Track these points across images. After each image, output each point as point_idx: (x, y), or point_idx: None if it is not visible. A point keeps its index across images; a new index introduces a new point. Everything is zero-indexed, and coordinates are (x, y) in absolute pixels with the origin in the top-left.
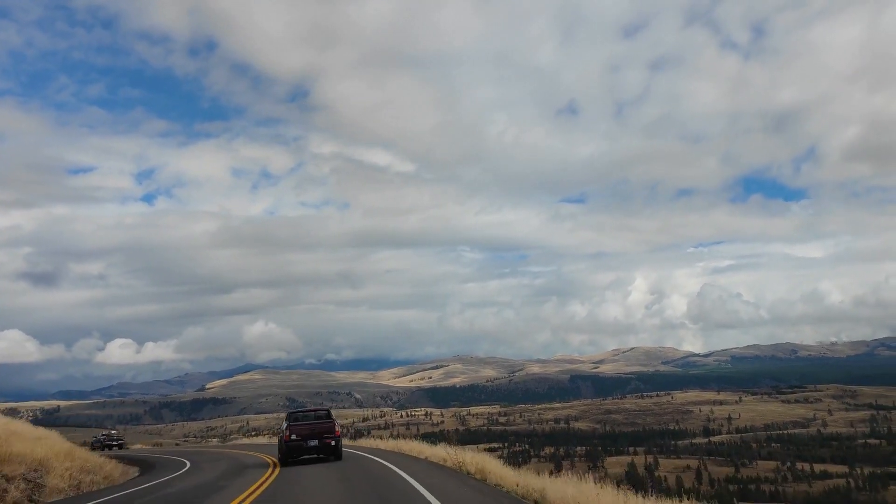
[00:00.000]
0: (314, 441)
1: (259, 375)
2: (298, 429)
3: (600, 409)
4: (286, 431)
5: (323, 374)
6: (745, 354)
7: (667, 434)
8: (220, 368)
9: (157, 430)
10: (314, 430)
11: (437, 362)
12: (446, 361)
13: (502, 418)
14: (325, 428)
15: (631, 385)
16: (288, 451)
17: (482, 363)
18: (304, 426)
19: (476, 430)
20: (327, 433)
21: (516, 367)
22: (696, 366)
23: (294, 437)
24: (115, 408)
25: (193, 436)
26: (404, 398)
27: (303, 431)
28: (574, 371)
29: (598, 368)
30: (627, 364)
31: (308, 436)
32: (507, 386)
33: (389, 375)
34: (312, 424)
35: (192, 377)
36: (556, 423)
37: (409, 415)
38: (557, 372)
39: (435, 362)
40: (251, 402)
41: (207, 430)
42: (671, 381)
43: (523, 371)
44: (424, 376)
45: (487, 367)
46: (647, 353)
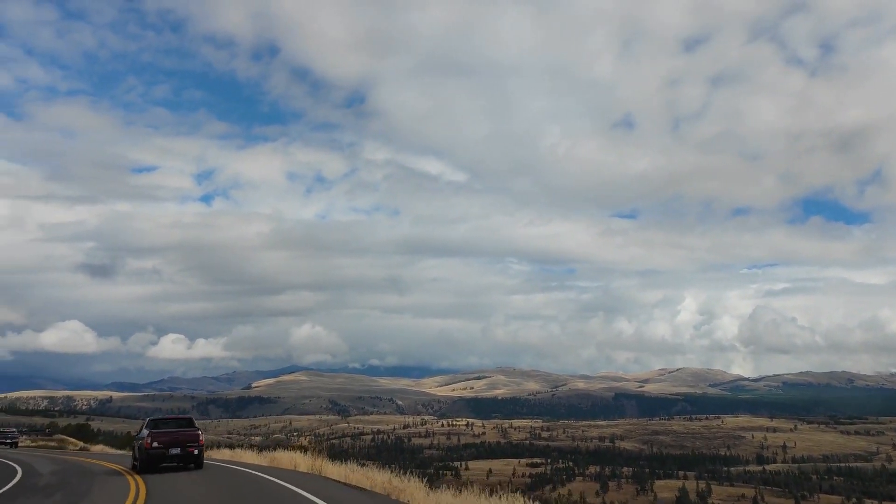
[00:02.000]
0: (176, 449)
1: (304, 377)
2: (161, 436)
3: (646, 429)
4: (147, 438)
5: (366, 379)
6: (798, 381)
7: (717, 459)
8: (267, 368)
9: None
10: (177, 439)
11: (479, 373)
12: (489, 372)
13: (545, 433)
14: (189, 436)
15: (678, 406)
16: (148, 458)
17: (525, 376)
18: (166, 434)
19: (518, 443)
20: (191, 442)
21: (559, 381)
22: (745, 390)
23: (156, 444)
24: (164, 402)
25: (238, 433)
26: (445, 407)
27: (165, 439)
28: (619, 389)
29: (644, 387)
30: (674, 385)
31: (170, 444)
32: (550, 400)
33: (432, 384)
34: (176, 432)
35: (239, 375)
36: (601, 442)
37: (450, 424)
38: (602, 389)
39: (477, 373)
40: (295, 402)
41: (251, 428)
42: (720, 404)
43: (566, 386)
44: (466, 386)
45: (530, 380)
46: (695, 374)
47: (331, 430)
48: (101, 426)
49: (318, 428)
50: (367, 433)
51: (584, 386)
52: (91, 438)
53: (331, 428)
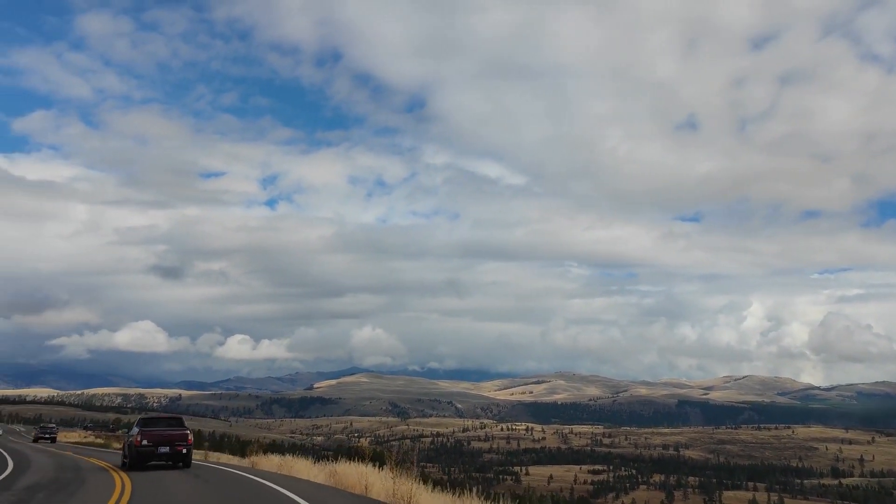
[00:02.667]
0: (165, 448)
1: (365, 378)
2: (150, 435)
3: (712, 438)
4: (137, 436)
5: (425, 382)
6: (875, 391)
7: (789, 471)
8: (328, 369)
9: (266, 425)
10: (166, 437)
11: (538, 377)
12: (548, 377)
13: (606, 439)
14: (177, 436)
15: (744, 415)
16: (137, 456)
17: (585, 381)
18: (156, 433)
19: (579, 449)
20: (179, 441)
21: (620, 387)
22: (816, 399)
23: (145, 442)
24: (230, 400)
25: (300, 433)
26: (505, 411)
27: (154, 438)
28: (682, 396)
29: (708, 395)
30: (740, 392)
31: (160, 442)
32: (611, 406)
33: (491, 387)
34: (165, 431)
35: (301, 376)
36: (665, 450)
37: (509, 428)
38: (664, 396)
39: (537, 377)
40: (356, 404)
41: (314, 428)
42: (789, 413)
43: (628, 392)
44: (526, 390)
45: (591, 385)
46: (763, 382)
47: (391, 431)
48: None
49: (378, 430)
50: (426, 436)
51: (646, 392)
52: None
53: (391, 430)
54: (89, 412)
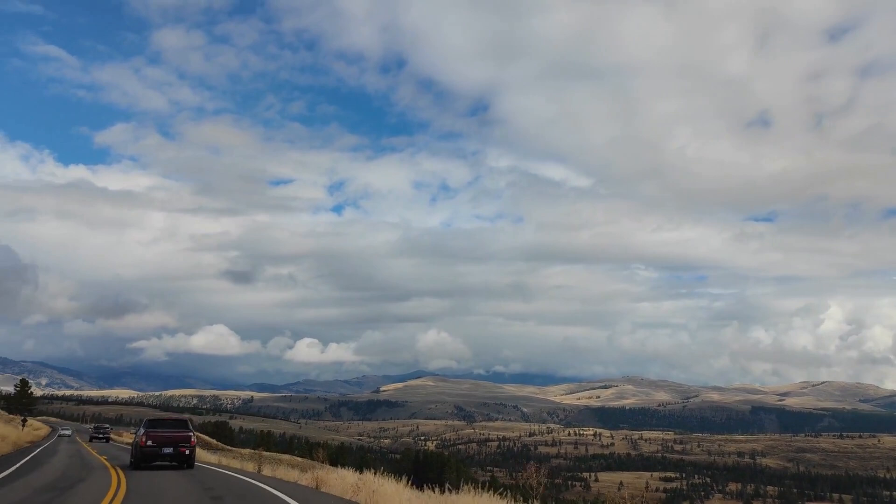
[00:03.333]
0: (169, 448)
1: (431, 382)
2: (155, 435)
3: (790, 446)
4: (142, 437)
5: (491, 386)
6: None
7: (876, 482)
8: (395, 372)
9: (335, 427)
10: (170, 439)
11: (605, 382)
12: (615, 381)
13: (678, 446)
14: (181, 437)
15: (824, 422)
16: (142, 456)
17: (654, 386)
18: (161, 434)
19: (650, 456)
20: (183, 442)
21: (691, 393)
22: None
23: (150, 443)
24: (299, 402)
25: (367, 435)
26: (571, 416)
27: (159, 438)
28: (756, 402)
29: (784, 401)
30: (819, 399)
31: (164, 443)
32: (681, 412)
33: (557, 391)
34: (170, 433)
35: (368, 379)
36: (740, 457)
37: (576, 433)
38: (737, 402)
39: (603, 381)
40: (421, 407)
41: (381, 431)
42: (873, 421)
43: (698, 398)
44: (592, 395)
45: (660, 390)
46: (843, 388)
47: (457, 435)
48: (242, 424)
49: (445, 433)
50: (492, 440)
51: (717, 398)
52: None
53: (457, 433)
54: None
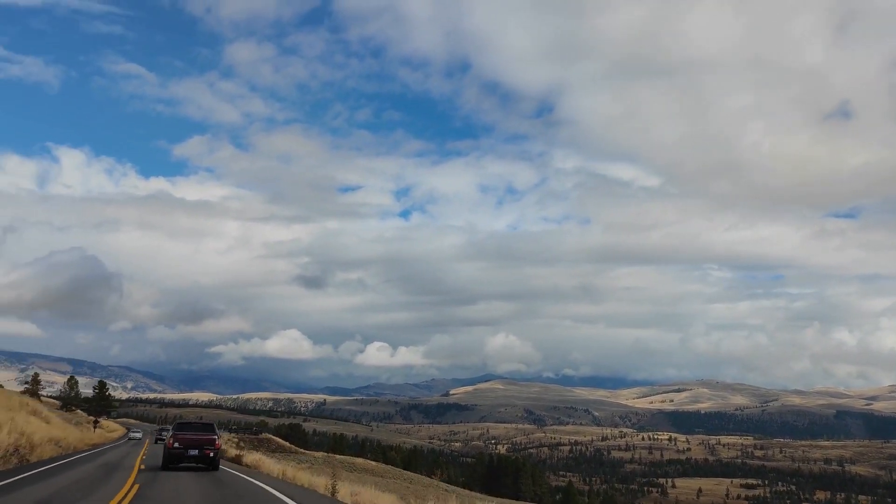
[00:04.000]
0: (195, 451)
1: (500, 385)
2: (182, 438)
3: (882, 452)
4: (170, 439)
5: (561, 389)
6: None
7: None
8: (463, 376)
9: (406, 430)
10: (196, 441)
11: (679, 385)
12: (689, 385)
13: (758, 451)
14: (206, 440)
15: None
16: (169, 457)
17: (730, 389)
18: (187, 436)
19: (729, 461)
20: (208, 445)
21: (770, 396)
22: None
23: (177, 445)
24: (370, 406)
25: (438, 439)
26: (644, 420)
27: (185, 441)
28: (840, 406)
29: (872, 405)
30: None
31: (190, 445)
32: (759, 416)
33: (629, 395)
34: (196, 436)
35: (437, 382)
36: (826, 464)
37: (651, 438)
38: (820, 406)
39: (677, 385)
40: (491, 410)
41: (451, 434)
42: None
43: (778, 402)
44: (666, 399)
45: (737, 394)
46: None
47: (527, 439)
48: (315, 427)
49: (515, 437)
50: (564, 444)
51: (799, 402)
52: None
53: (527, 437)
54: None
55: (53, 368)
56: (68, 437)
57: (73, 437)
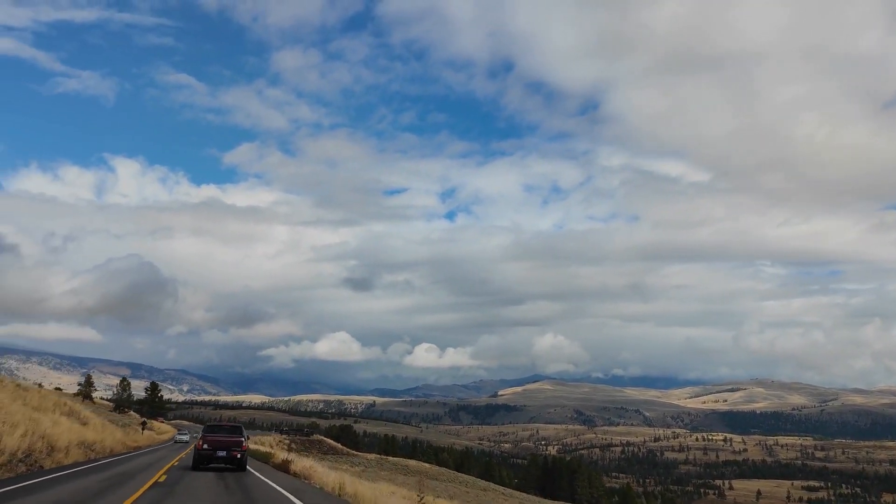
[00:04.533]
0: (223, 452)
1: (548, 386)
2: (211, 440)
3: None
4: (200, 441)
5: (610, 390)
6: None
7: None
8: (511, 377)
9: (455, 432)
10: (224, 443)
11: (732, 384)
12: (744, 384)
13: (819, 452)
14: (234, 442)
15: None
16: (199, 458)
17: (787, 389)
18: (216, 438)
19: (788, 463)
20: (235, 446)
21: (829, 395)
22: None
23: (206, 446)
24: (419, 407)
25: (488, 440)
26: (697, 420)
27: (214, 442)
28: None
29: None
30: None
31: (218, 447)
32: (818, 416)
33: (681, 395)
34: (224, 437)
35: (485, 383)
36: (893, 466)
37: (705, 439)
38: (884, 405)
39: (730, 384)
40: (540, 411)
41: (500, 435)
42: None
43: (838, 401)
44: (719, 399)
45: (793, 393)
46: None
47: (578, 440)
48: (366, 428)
49: (565, 437)
50: (616, 445)
51: (861, 401)
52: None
53: (578, 438)
54: (294, 417)
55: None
56: (105, 440)
57: (112, 440)
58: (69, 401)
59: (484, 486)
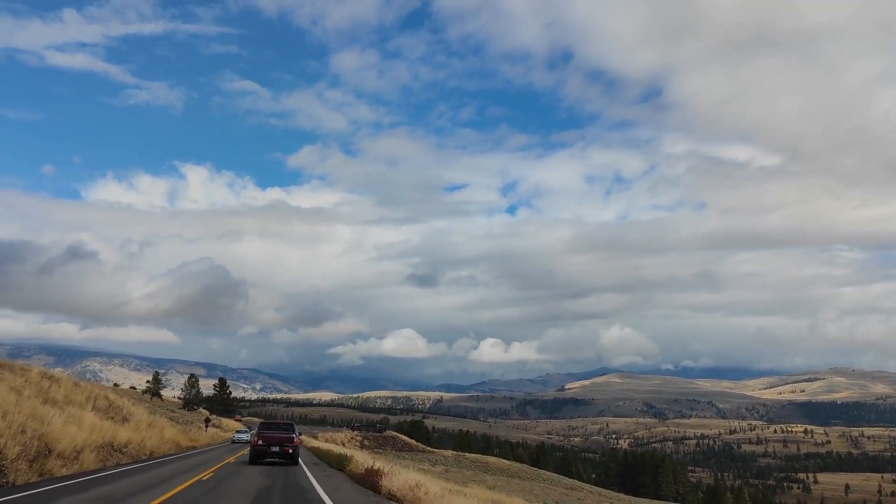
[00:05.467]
0: (276, 447)
1: (617, 379)
2: (265, 436)
3: None
4: (255, 437)
5: (681, 381)
6: None
7: None
8: (578, 370)
9: (523, 426)
10: (278, 439)
11: (810, 374)
12: (822, 374)
13: None
14: (286, 438)
15: None
16: (254, 453)
17: (869, 378)
18: (270, 435)
19: (876, 455)
20: (287, 442)
21: None
22: None
23: (261, 442)
24: (486, 402)
25: (556, 434)
26: (773, 412)
27: (268, 439)
28: None
29: None
30: None
31: (272, 443)
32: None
33: (755, 386)
34: (277, 434)
35: (552, 377)
36: None
37: (784, 430)
38: None
39: (808, 374)
40: (609, 404)
41: (569, 429)
42: None
43: None
44: (796, 389)
45: (877, 382)
46: None
47: (649, 433)
48: (434, 424)
49: (636, 431)
50: (689, 437)
51: None
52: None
53: (649, 431)
54: (363, 413)
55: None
56: (145, 440)
57: (156, 440)
58: (112, 394)
59: (570, 485)
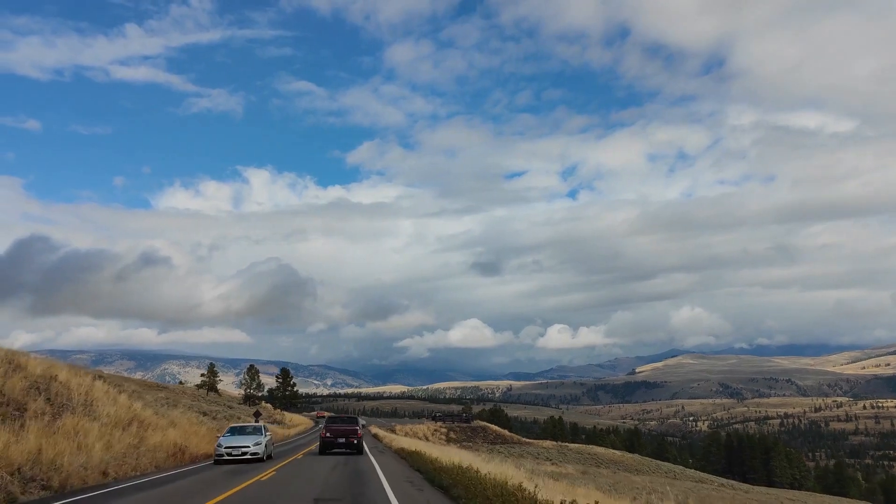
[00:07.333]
0: (342, 439)
1: (690, 360)
2: (332, 429)
3: None
4: (323, 430)
5: (757, 360)
6: None
7: None
8: (647, 353)
9: (595, 411)
10: (343, 431)
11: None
12: None
13: None
14: (351, 430)
15: None
16: (323, 445)
17: None
18: (337, 427)
19: None
20: (352, 434)
21: None
22: None
23: (328, 434)
24: (556, 389)
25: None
26: (858, 387)
27: (335, 431)
28: None
29: None
30: None
31: (338, 435)
32: None
33: (837, 361)
34: (343, 427)
35: (621, 361)
36: None
37: (874, 406)
38: None
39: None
40: (682, 386)
41: (643, 413)
42: None
43: None
44: (881, 362)
45: None
46: None
47: (728, 414)
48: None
49: (714, 412)
50: (772, 417)
51: None
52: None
53: (728, 412)
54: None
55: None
56: (165, 441)
57: (170, 442)
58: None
59: (698, 478)
